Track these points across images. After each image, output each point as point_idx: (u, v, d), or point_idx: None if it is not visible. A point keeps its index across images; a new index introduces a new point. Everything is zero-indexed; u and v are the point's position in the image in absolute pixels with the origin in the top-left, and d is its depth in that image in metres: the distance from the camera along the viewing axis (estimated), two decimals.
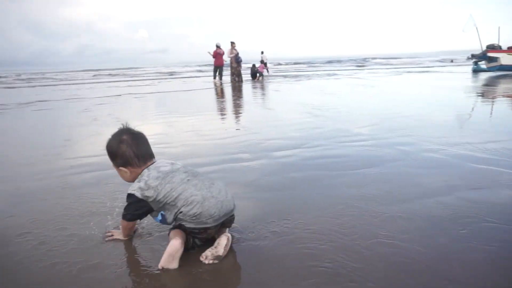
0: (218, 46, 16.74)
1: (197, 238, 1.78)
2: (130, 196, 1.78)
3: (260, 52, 19.92)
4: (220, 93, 11.66)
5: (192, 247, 1.78)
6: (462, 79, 13.67)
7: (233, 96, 10.71)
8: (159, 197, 1.72)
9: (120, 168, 1.85)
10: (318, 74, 20.32)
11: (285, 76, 19.34)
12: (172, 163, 1.88)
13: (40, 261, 1.77)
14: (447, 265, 1.63)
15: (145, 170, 1.81)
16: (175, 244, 1.65)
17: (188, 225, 1.71)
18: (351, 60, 49.94)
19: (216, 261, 1.69)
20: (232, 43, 16.66)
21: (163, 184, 1.74)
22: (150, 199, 1.74)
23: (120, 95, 11.45)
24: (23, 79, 27.37)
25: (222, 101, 9.54)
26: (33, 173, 3.28)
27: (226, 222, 1.82)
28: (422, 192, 2.46)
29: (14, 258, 1.81)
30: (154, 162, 1.88)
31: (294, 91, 11.42)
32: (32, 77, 29.82)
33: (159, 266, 1.65)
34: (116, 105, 8.73)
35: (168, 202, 1.73)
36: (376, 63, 37.79)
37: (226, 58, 16.76)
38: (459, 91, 9.55)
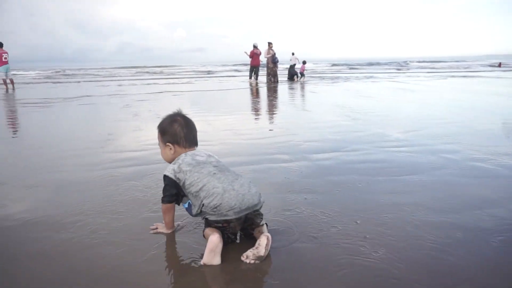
0: (255, 46, 16.81)
1: (228, 233, 1.81)
2: (165, 177, 1.89)
3: (291, 53, 19.10)
4: (256, 93, 11.71)
5: (228, 239, 1.83)
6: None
7: (269, 96, 10.72)
8: (186, 183, 1.82)
9: (167, 144, 1.95)
10: (356, 77, 19.94)
11: (322, 78, 19.12)
12: (209, 155, 1.96)
13: (84, 244, 1.86)
14: (491, 277, 1.56)
15: (183, 155, 1.92)
16: (214, 240, 1.68)
17: (210, 217, 1.76)
18: (391, 62, 48.62)
19: (257, 261, 1.70)
20: (269, 43, 16.67)
21: (192, 172, 1.83)
22: (181, 183, 1.85)
23: (159, 93, 11.76)
24: (68, 75, 28.74)
25: (258, 101, 9.57)
26: (79, 165, 3.43)
27: (252, 218, 1.82)
28: (470, 202, 2.35)
29: (55, 241, 1.90)
30: (194, 150, 1.98)
31: (331, 93, 11.27)
32: (76, 73, 31.26)
33: (202, 263, 1.68)
34: (155, 102, 8.98)
35: (192, 192, 1.80)
36: (418, 67, 36.48)
37: (263, 59, 16.80)
38: (508, 98, 9.06)
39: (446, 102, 8.48)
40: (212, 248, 1.67)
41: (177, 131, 1.96)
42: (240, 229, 1.85)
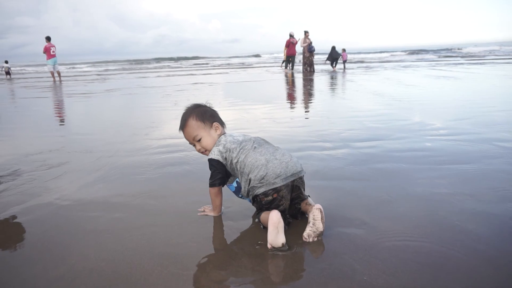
0: (291, 36, 16.62)
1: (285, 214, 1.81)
2: (211, 161, 1.91)
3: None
4: (292, 83, 11.60)
5: (286, 222, 1.81)
6: None
7: (305, 85, 10.59)
8: (234, 160, 1.86)
9: (214, 123, 1.98)
10: (395, 65, 19.26)
11: (359, 67, 18.64)
12: (244, 135, 2.00)
13: (133, 224, 1.91)
14: None
15: (222, 136, 1.96)
16: (274, 215, 1.63)
17: (259, 190, 1.78)
18: (432, 50, 46.46)
19: (320, 238, 1.71)
20: (306, 32, 16.42)
21: (237, 149, 1.87)
22: (228, 162, 1.89)
23: (196, 83, 11.93)
24: (110, 67, 29.77)
25: (295, 90, 9.48)
26: (126, 150, 3.54)
27: (299, 186, 1.84)
28: None
29: (100, 222, 1.98)
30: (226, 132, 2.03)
31: (370, 82, 10.95)
32: (117, 65, 32.30)
33: (268, 246, 1.64)
34: (193, 92, 9.12)
35: (238, 168, 1.86)
36: (462, 54, 34.59)
37: (299, 48, 16.60)
38: None
39: (496, 89, 8.00)
40: (275, 224, 1.62)
41: (213, 112, 2.02)
42: (289, 204, 1.83)
